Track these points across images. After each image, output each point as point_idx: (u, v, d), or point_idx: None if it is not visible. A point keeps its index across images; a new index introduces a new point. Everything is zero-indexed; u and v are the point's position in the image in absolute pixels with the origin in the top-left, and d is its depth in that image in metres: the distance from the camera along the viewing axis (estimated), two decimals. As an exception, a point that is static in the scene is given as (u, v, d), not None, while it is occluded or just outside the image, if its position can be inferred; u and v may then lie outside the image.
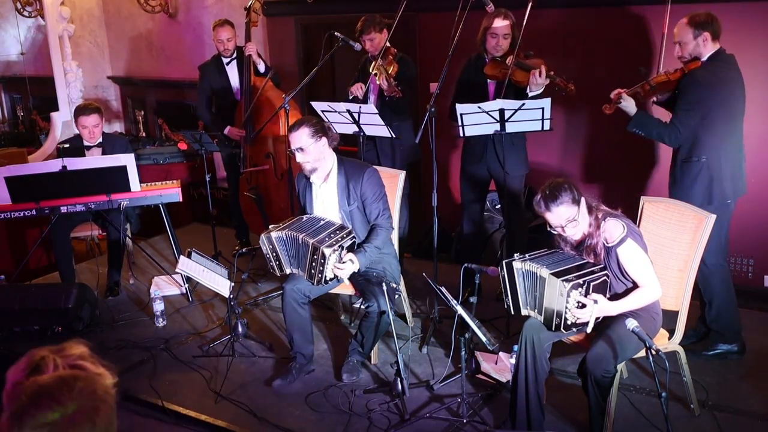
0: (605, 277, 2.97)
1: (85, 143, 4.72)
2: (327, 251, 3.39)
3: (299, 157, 3.61)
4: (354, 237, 3.58)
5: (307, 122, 3.62)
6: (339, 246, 3.45)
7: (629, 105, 3.57)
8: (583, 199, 2.96)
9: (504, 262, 3.13)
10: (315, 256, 3.44)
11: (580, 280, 2.89)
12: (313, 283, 3.54)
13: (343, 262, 3.48)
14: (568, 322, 2.94)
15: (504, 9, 4.11)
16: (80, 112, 4.67)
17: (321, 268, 3.44)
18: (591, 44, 4.86)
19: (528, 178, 4.49)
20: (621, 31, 4.71)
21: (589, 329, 2.99)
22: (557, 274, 2.92)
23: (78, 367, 1.36)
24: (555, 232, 3.03)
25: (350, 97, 4.51)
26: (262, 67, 5.15)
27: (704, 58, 3.48)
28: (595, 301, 2.89)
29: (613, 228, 2.97)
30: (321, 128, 3.63)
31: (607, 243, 2.99)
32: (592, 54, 4.86)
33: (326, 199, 3.75)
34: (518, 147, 4.26)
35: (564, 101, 4.15)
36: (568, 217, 2.93)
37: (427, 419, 3.31)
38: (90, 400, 1.32)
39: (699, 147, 3.50)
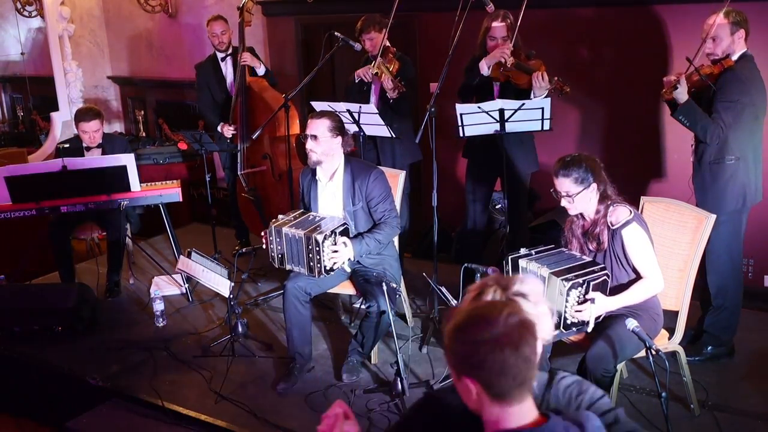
0: (605, 277, 2.97)
1: (85, 144, 4.72)
2: (319, 237, 3.41)
3: (309, 144, 3.62)
4: (346, 224, 3.59)
5: (331, 116, 3.68)
6: (332, 232, 3.46)
7: (682, 91, 3.40)
8: (594, 186, 2.97)
9: (510, 257, 3.13)
10: (310, 246, 3.45)
11: (580, 280, 2.89)
12: (314, 276, 3.53)
13: (336, 245, 3.48)
14: (568, 322, 2.94)
15: (504, 11, 4.10)
16: (81, 117, 4.65)
17: (318, 257, 3.45)
18: (598, 43, 4.86)
19: (530, 179, 4.48)
20: (629, 30, 4.71)
21: (589, 329, 2.99)
22: (557, 273, 2.93)
23: (512, 300, 1.50)
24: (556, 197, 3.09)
25: (356, 81, 4.51)
26: (261, 71, 5.14)
27: (735, 57, 3.40)
28: (592, 300, 2.90)
29: (620, 212, 3.00)
30: (341, 127, 3.67)
31: (612, 225, 3.00)
32: (599, 53, 4.86)
33: (331, 198, 3.75)
34: (527, 145, 4.26)
35: (567, 101, 4.15)
36: (567, 191, 2.99)
37: (427, 419, 3.30)
38: (516, 328, 1.43)
39: (729, 147, 3.41)
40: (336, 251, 3.49)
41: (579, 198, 2.99)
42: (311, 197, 3.81)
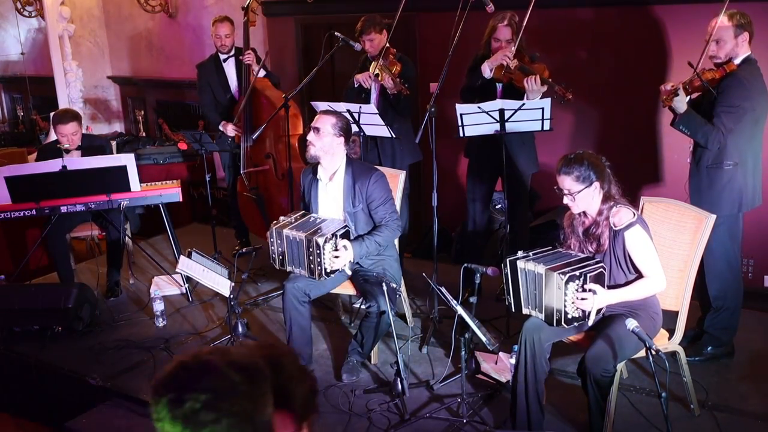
0: (601, 269, 2.97)
1: (65, 147, 4.66)
2: (320, 240, 3.41)
3: (310, 136, 3.64)
4: (347, 227, 3.60)
5: (339, 115, 3.70)
6: (333, 235, 3.47)
7: (681, 101, 3.36)
8: (596, 184, 2.96)
9: (508, 259, 3.13)
10: (311, 249, 3.45)
11: (577, 272, 2.90)
12: (315, 278, 3.54)
13: (337, 250, 3.49)
14: (569, 316, 2.94)
15: (510, 12, 4.08)
16: (58, 120, 4.61)
17: (319, 260, 3.45)
18: (599, 44, 4.86)
19: (531, 179, 4.48)
20: (630, 31, 4.71)
21: (590, 322, 2.99)
22: (554, 269, 2.94)
23: None
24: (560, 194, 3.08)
25: (355, 86, 4.50)
26: (261, 75, 5.13)
27: (738, 60, 3.37)
28: (594, 292, 2.90)
29: (624, 214, 3.00)
30: (346, 129, 3.68)
31: (615, 227, 2.99)
32: (600, 54, 4.86)
33: (331, 199, 3.75)
34: (528, 146, 4.26)
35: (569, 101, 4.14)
36: (568, 189, 2.99)
37: (427, 419, 3.31)
38: None
39: (727, 151, 3.38)
40: (337, 255, 3.49)
41: (580, 196, 2.99)
42: (312, 197, 3.81)
